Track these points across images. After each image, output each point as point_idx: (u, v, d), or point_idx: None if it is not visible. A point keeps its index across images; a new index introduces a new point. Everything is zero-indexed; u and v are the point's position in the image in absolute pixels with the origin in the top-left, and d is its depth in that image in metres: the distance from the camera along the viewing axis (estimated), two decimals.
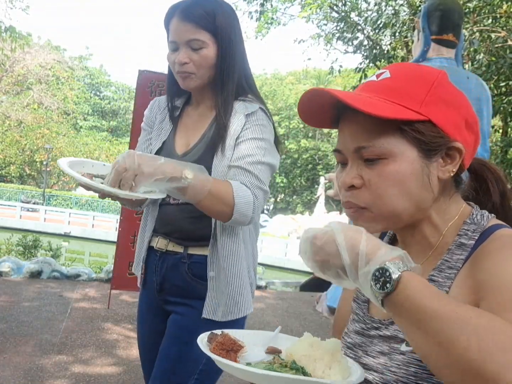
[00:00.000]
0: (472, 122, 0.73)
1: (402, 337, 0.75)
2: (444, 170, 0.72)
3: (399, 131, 0.69)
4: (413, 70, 0.75)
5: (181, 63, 1.31)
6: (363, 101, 0.69)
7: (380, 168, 0.70)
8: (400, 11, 8.25)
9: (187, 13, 1.30)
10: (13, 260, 6.45)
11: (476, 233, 0.73)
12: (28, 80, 34.40)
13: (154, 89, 4.66)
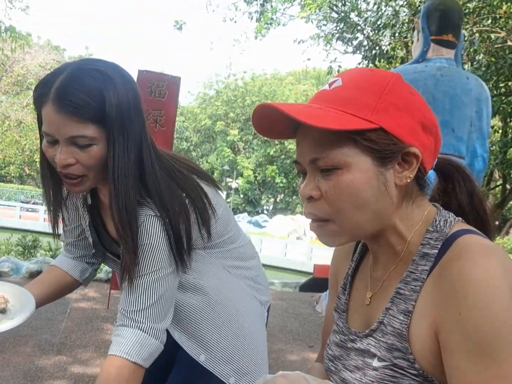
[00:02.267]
0: (429, 125, 0.72)
1: (374, 351, 0.73)
2: (401, 176, 0.70)
3: (351, 141, 0.68)
4: (365, 76, 0.73)
5: (64, 165, 0.99)
6: (310, 113, 0.68)
7: (335, 179, 0.70)
8: (400, 11, 8.25)
9: (65, 100, 0.94)
10: (12, 260, 6.44)
11: (439, 241, 0.71)
12: (28, 80, 34.36)
13: (153, 89, 4.67)
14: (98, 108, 0.97)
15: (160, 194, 1.06)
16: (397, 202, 0.72)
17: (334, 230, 0.72)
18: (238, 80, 42.79)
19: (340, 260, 0.94)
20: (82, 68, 0.99)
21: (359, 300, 0.83)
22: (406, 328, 0.69)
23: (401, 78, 0.73)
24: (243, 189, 39.64)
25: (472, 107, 2.80)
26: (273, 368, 3.87)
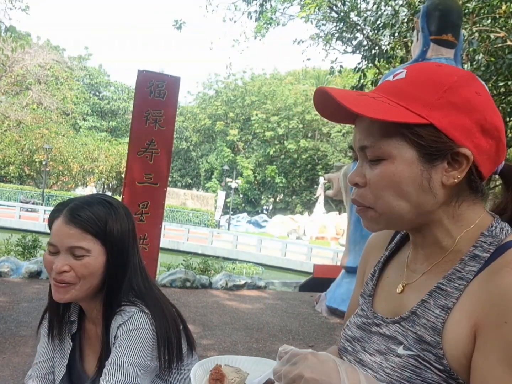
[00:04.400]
0: (490, 128, 0.70)
1: (400, 339, 0.74)
2: (448, 175, 0.70)
3: (400, 134, 0.69)
4: (429, 71, 0.72)
5: (60, 271, 1.13)
6: (361, 102, 0.69)
7: (380, 168, 0.71)
8: (399, 11, 8.25)
9: (75, 214, 1.14)
10: (12, 260, 6.44)
11: (492, 246, 0.70)
12: (27, 80, 34.37)
13: (153, 89, 4.67)
14: (100, 226, 1.15)
15: (150, 299, 1.22)
16: (443, 200, 0.71)
17: (374, 216, 0.74)
18: (237, 80, 42.80)
19: (374, 249, 0.94)
20: (93, 197, 1.22)
21: (389, 288, 0.83)
22: (442, 323, 0.69)
23: (470, 77, 0.72)
24: (242, 189, 39.65)
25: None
26: None
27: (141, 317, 1.16)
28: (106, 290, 1.19)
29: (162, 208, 5.03)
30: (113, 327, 1.17)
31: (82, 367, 1.26)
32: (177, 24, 11.85)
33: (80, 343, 1.28)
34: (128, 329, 1.14)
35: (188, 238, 20.92)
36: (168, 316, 1.22)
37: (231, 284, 7.04)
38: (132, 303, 1.19)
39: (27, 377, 1.31)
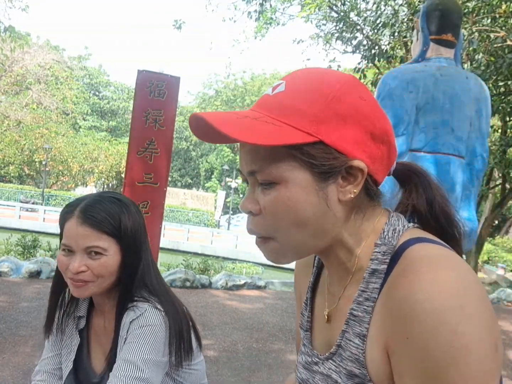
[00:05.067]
0: (380, 133, 0.65)
1: (335, 377, 0.69)
2: (345, 191, 0.64)
3: (289, 155, 0.63)
4: (309, 81, 0.66)
5: (77, 272, 1.14)
6: (244, 126, 0.62)
7: (273, 194, 0.64)
8: (399, 11, 8.25)
9: (88, 215, 1.14)
10: (12, 260, 6.44)
11: (387, 255, 0.65)
12: (27, 80, 34.37)
13: (153, 89, 4.67)
14: (114, 225, 1.16)
15: (163, 295, 1.23)
16: (344, 217, 0.66)
17: (276, 247, 0.67)
18: (237, 79, 42.80)
19: (301, 274, 0.88)
20: (102, 196, 1.21)
21: (321, 318, 0.77)
22: (363, 353, 0.64)
23: (352, 81, 0.66)
24: (242, 188, 39.63)
25: (472, 107, 2.81)
26: (272, 368, 3.87)
27: (153, 313, 1.17)
28: (121, 286, 1.20)
29: (162, 208, 5.02)
30: (125, 322, 1.17)
31: (89, 363, 1.26)
32: (177, 24, 11.84)
33: (87, 339, 1.28)
34: (140, 325, 1.14)
35: (188, 238, 20.93)
36: (180, 312, 1.23)
37: (231, 284, 7.04)
38: (145, 299, 1.20)
39: (35, 373, 1.31)
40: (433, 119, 3.18)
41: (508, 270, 17.19)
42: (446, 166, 4.14)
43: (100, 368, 1.24)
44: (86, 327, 1.28)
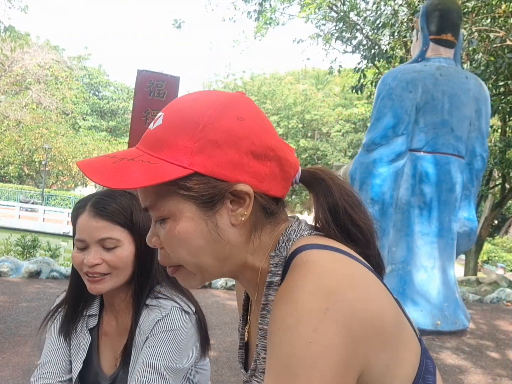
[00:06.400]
0: (263, 151, 0.64)
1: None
2: (236, 215, 0.64)
3: (170, 191, 0.63)
4: (182, 112, 0.65)
5: (92, 265, 1.13)
6: (119, 170, 0.63)
7: (166, 228, 0.65)
8: (399, 11, 8.25)
9: (100, 207, 1.15)
10: (12, 260, 6.44)
11: (279, 267, 0.65)
12: (27, 80, 34.36)
13: (153, 89, 4.67)
14: (126, 216, 1.17)
15: (182, 289, 1.23)
16: (242, 239, 0.66)
17: (187, 273, 0.68)
18: (237, 79, 42.79)
19: (239, 293, 0.89)
20: (113, 190, 1.21)
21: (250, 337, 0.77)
22: None
23: (228, 102, 0.65)
24: None
25: (471, 107, 2.82)
26: None
27: (178, 315, 1.15)
28: (135, 281, 1.19)
29: None
30: (147, 321, 1.15)
31: (98, 363, 1.24)
32: (177, 24, 11.85)
33: (97, 339, 1.26)
34: (165, 329, 1.13)
35: None
36: (199, 306, 1.23)
37: (230, 283, 7.04)
38: (166, 296, 1.19)
39: (37, 374, 1.23)
40: (433, 119, 3.18)
41: (507, 269, 17.19)
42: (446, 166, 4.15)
43: (110, 368, 1.22)
44: (96, 327, 1.26)
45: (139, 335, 1.15)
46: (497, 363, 4.12)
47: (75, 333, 1.26)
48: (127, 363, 1.16)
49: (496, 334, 5.19)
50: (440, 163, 4.63)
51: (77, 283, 1.23)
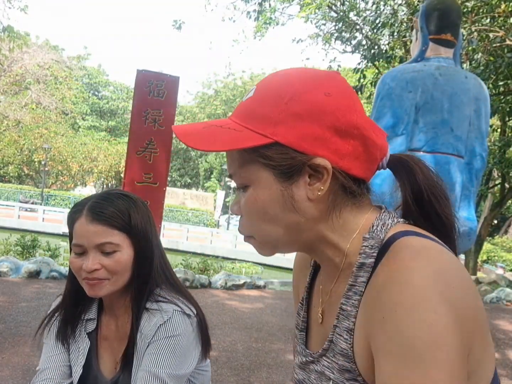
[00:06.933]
0: (347, 128, 0.64)
1: (328, 373, 0.69)
2: (313, 189, 0.65)
3: (252, 159, 0.66)
4: (271, 84, 0.67)
5: (91, 270, 1.11)
6: (205, 135, 0.66)
7: (246, 195, 0.68)
8: (398, 10, 8.25)
9: (97, 211, 1.13)
10: (11, 260, 6.44)
11: (375, 249, 0.65)
12: (26, 80, 34.34)
13: (152, 89, 4.66)
14: (124, 220, 1.14)
15: (183, 292, 1.23)
16: (318, 214, 0.66)
17: (257, 244, 0.71)
18: (237, 79, 42.77)
19: (298, 274, 0.89)
20: (110, 193, 1.20)
21: (316, 318, 0.77)
22: (351, 347, 0.64)
23: (316, 78, 0.66)
24: None
25: (471, 106, 2.81)
26: (272, 368, 3.87)
27: (180, 319, 1.14)
28: (135, 284, 1.17)
29: (161, 208, 5.02)
30: (148, 326, 1.14)
31: (97, 368, 1.22)
32: (177, 24, 11.84)
33: (96, 343, 1.24)
34: (168, 335, 1.12)
35: (187, 237, 20.91)
36: (199, 308, 1.22)
37: (230, 283, 7.04)
38: (166, 299, 1.17)
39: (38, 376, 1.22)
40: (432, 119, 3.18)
41: (507, 269, 17.20)
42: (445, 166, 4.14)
43: (110, 372, 1.20)
44: (94, 331, 1.25)
45: (141, 340, 1.14)
46: (496, 363, 4.11)
47: (74, 337, 1.24)
48: (127, 367, 1.16)
49: (496, 333, 5.20)
50: (439, 162, 4.63)
51: (74, 287, 1.21)
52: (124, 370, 1.17)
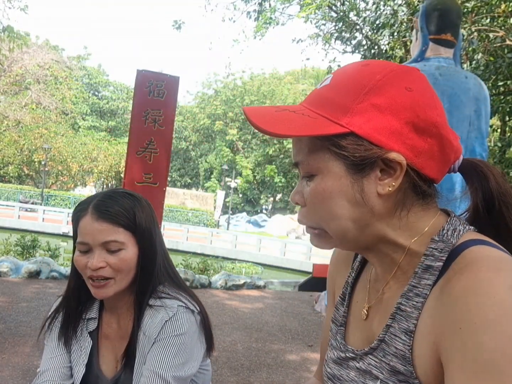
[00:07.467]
0: (425, 125, 0.62)
1: (376, 373, 0.67)
2: (383, 184, 0.63)
3: (324, 147, 0.64)
4: (352, 74, 0.66)
5: (96, 268, 1.11)
6: (279, 119, 0.64)
7: (312, 185, 0.66)
8: (398, 11, 8.25)
9: (102, 209, 1.13)
10: (11, 260, 6.44)
11: (444, 253, 0.63)
12: (26, 80, 34.35)
13: (152, 89, 4.66)
14: (129, 218, 1.15)
15: (186, 289, 1.23)
16: (384, 211, 0.65)
17: (320, 235, 0.69)
18: (237, 79, 42.75)
19: (339, 265, 0.87)
20: (114, 191, 1.21)
21: (359, 314, 0.76)
22: (409, 349, 0.62)
23: (399, 72, 0.65)
24: (242, 188, 39.63)
25: (471, 106, 2.81)
26: (272, 368, 3.87)
27: (185, 316, 1.14)
28: (138, 283, 1.17)
29: (161, 208, 5.02)
30: (153, 323, 1.13)
31: (98, 367, 1.22)
32: (177, 24, 11.85)
33: (97, 342, 1.24)
34: (173, 334, 1.11)
35: (187, 237, 20.91)
36: (202, 305, 1.23)
37: (230, 283, 7.04)
38: (170, 295, 1.17)
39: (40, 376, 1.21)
40: None
41: None
42: None
43: (111, 371, 1.20)
44: (96, 330, 1.24)
45: (145, 337, 1.14)
46: None
47: (76, 337, 1.24)
48: (129, 365, 1.15)
49: None
50: None
51: (76, 285, 1.21)
52: (125, 369, 1.16)
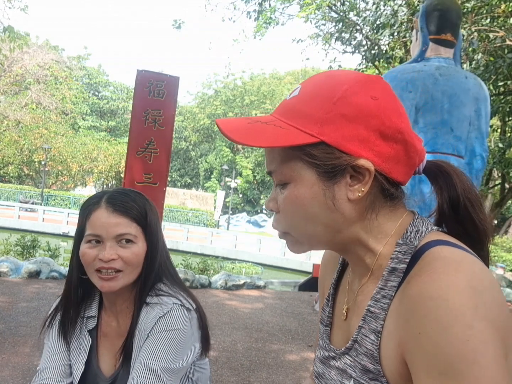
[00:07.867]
0: (391, 132, 0.65)
1: (350, 372, 0.70)
2: (353, 190, 0.66)
3: (296, 156, 0.67)
4: (319, 85, 0.68)
5: (108, 260, 1.11)
6: (251, 131, 0.67)
7: (286, 193, 0.69)
8: (398, 11, 8.25)
9: (118, 203, 1.15)
10: (11, 260, 6.44)
11: (407, 255, 0.66)
12: (26, 80, 34.36)
13: (152, 89, 4.66)
14: (142, 214, 1.18)
15: (184, 288, 1.25)
16: (356, 215, 0.68)
17: (293, 241, 0.72)
18: (237, 79, 42.78)
19: (326, 269, 0.91)
20: (126, 189, 1.24)
21: (340, 314, 0.79)
22: (377, 349, 0.65)
23: (364, 81, 0.67)
24: (242, 188, 39.63)
25: (471, 106, 2.81)
26: (272, 368, 3.87)
27: (179, 313, 1.14)
28: (142, 280, 1.18)
29: (161, 208, 5.02)
30: (148, 319, 1.14)
31: (97, 365, 1.22)
32: (177, 24, 11.84)
33: (95, 341, 1.24)
34: (166, 329, 1.12)
35: (187, 237, 20.91)
36: (199, 303, 1.24)
37: (230, 283, 7.04)
38: (167, 293, 1.18)
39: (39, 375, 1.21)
40: (432, 119, 3.17)
41: (507, 269, 17.20)
42: None
43: (109, 369, 1.21)
44: (94, 328, 1.25)
45: (139, 334, 1.14)
46: None
47: (75, 335, 1.24)
48: (127, 363, 1.15)
49: None
50: None
51: (76, 283, 1.21)
52: (124, 367, 1.16)
